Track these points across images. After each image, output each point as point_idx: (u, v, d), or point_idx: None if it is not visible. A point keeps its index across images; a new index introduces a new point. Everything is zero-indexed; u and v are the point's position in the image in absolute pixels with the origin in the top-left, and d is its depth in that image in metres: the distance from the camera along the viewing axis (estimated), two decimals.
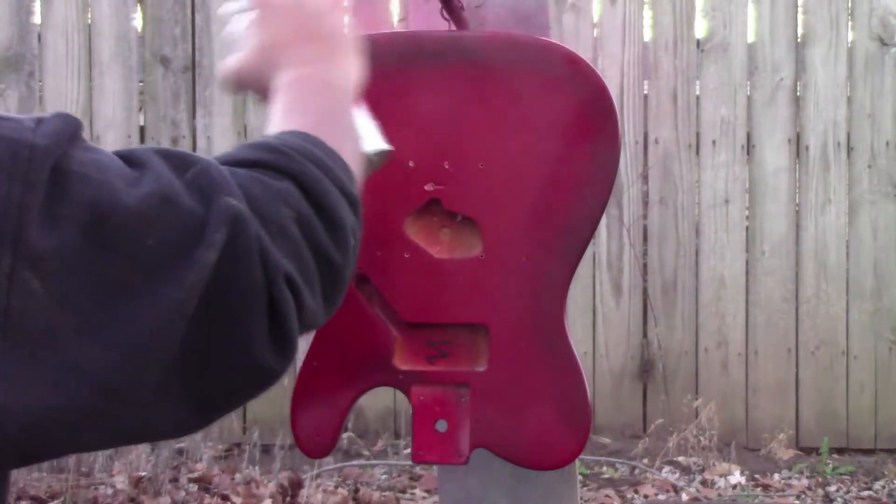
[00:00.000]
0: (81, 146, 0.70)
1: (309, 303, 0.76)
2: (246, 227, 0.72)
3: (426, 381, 1.34)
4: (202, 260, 0.69)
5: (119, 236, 0.67)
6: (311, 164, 0.81)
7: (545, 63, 1.31)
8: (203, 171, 0.73)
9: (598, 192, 1.32)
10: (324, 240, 0.78)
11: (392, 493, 3.57)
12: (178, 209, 0.70)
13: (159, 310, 0.67)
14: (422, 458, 1.35)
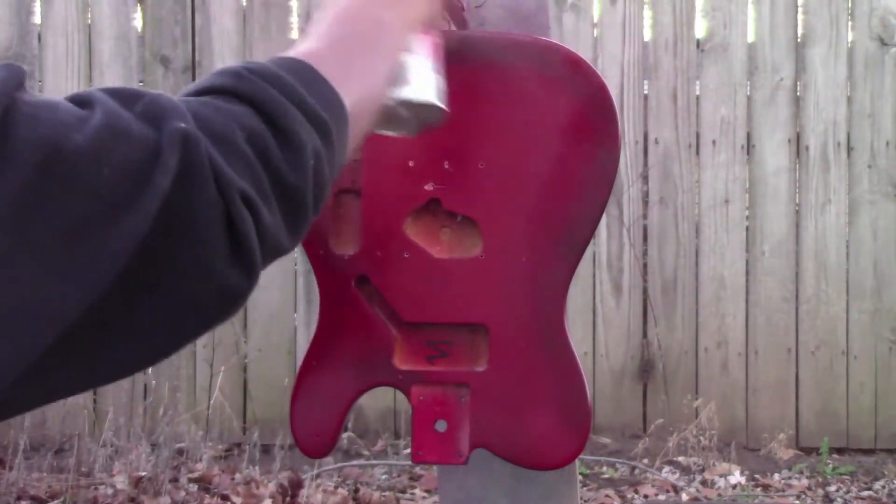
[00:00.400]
0: (27, 91, 0.69)
1: (267, 220, 0.76)
2: (196, 147, 0.72)
3: (426, 381, 1.34)
4: (159, 185, 0.69)
5: (74, 171, 0.67)
6: (271, 86, 0.80)
7: (545, 63, 1.31)
8: (151, 101, 0.73)
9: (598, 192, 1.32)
10: (277, 159, 0.78)
11: (392, 493, 3.57)
12: (130, 138, 0.70)
13: (120, 241, 0.67)
14: (422, 458, 1.35)
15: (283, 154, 0.78)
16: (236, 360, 3.99)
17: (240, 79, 0.81)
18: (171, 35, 4.03)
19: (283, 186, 0.78)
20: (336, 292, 1.33)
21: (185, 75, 4.01)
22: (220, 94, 0.79)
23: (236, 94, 0.79)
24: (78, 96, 0.73)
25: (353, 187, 1.34)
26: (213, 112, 0.76)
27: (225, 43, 4.02)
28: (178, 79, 4.02)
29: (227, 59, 4.01)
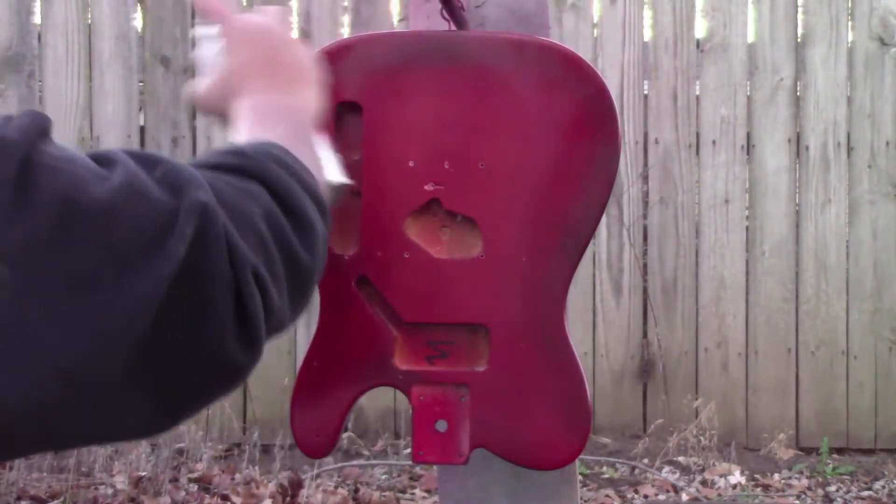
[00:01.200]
0: (51, 142, 0.70)
1: (275, 300, 0.76)
2: (214, 219, 0.72)
3: (426, 381, 1.34)
4: (173, 253, 0.69)
5: (89, 227, 0.67)
6: (278, 166, 0.82)
7: (545, 63, 1.31)
8: (172, 168, 0.74)
9: (598, 192, 1.32)
10: (292, 239, 0.79)
11: (392, 493, 3.57)
12: (148, 201, 0.70)
13: (129, 300, 0.67)
14: (422, 458, 1.35)
15: (296, 234, 0.79)
16: None
17: (246, 158, 0.81)
18: (171, 35, 4.03)
19: (296, 267, 0.79)
20: (336, 292, 1.33)
21: (185, 75, 4.01)
22: (229, 173, 0.79)
23: (247, 172, 0.80)
24: (99, 154, 0.73)
25: (352, 187, 1.34)
26: (230, 188, 0.77)
27: None
28: (178, 79, 4.02)
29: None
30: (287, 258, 0.78)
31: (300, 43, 1.03)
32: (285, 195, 0.80)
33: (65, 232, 0.66)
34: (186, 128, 4.02)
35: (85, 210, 0.67)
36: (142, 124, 4.03)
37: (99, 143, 4.00)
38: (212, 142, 4.00)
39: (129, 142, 4.00)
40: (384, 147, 1.32)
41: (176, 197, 0.71)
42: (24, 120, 0.69)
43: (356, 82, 1.33)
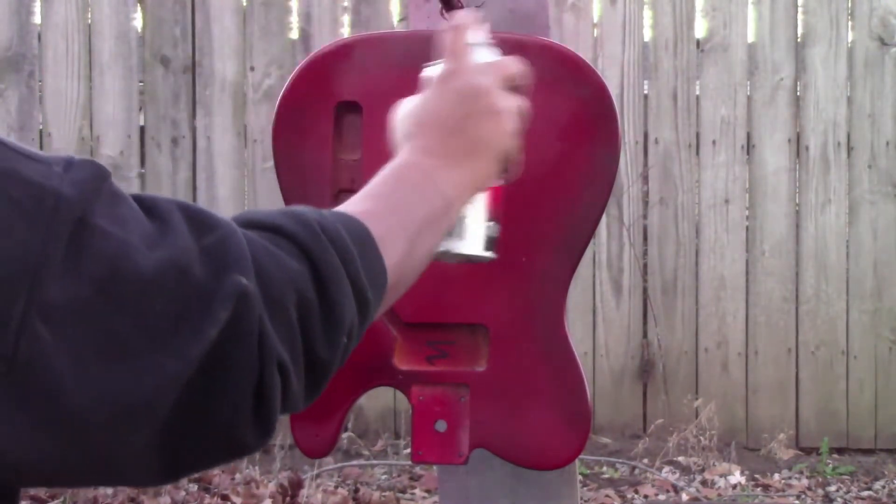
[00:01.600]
0: (107, 197, 0.70)
1: (295, 389, 0.76)
2: (250, 308, 0.72)
3: (426, 381, 1.34)
4: (205, 335, 0.69)
5: (131, 298, 0.68)
6: (335, 251, 0.79)
7: (545, 63, 1.31)
8: (221, 240, 0.73)
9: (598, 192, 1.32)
10: (317, 333, 0.77)
11: (392, 493, 3.57)
12: (189, 280, 0.70)
13: (157, 377, 0.68)
14: (422, 458, 1.35)
15: (322, 327, 0.78)
16: None
17: (310, 232, 0.79)
18: (171, 35, 4.03)
19: (314, 359, 0.78)
20: None
21: (185, 75, 4.01)
22: (287, 239, 0.78)
23: (303, 248, 0.78)
24: (154, 208, 0.73)
25: (352, 187, 1.34)
26: (276, 268, 0.75)
27: (225, 43, 4.02)
28: (178, 79, 4.02)
29: (227, 59, 4.01)
30: (308, 350, 0.77)
31: (505, 113, 0.97)
32: (327, 284, 0.78)
33: (106, 299, 0.67)
34: (186, 128, 4.02)
35: (129, 281, 0.67)
36: (142, 124, 4.03)
37: (99, 143, 4.00)
38: (212, 142, 4.00)
39: (128, 142, 4.00)
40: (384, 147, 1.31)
41: (217, 277, 0.71)
42: (82, 174, 0.69)
43: (356, 82, 1.33)
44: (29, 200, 0.66)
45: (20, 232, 0.65)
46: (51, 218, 0.66)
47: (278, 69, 3.97)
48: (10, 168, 0.66)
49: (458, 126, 0.95)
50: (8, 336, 0.64)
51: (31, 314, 0.64)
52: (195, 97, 4.02)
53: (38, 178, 0.67)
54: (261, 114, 3.95)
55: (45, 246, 0.65)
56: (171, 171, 4.01)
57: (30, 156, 0.68)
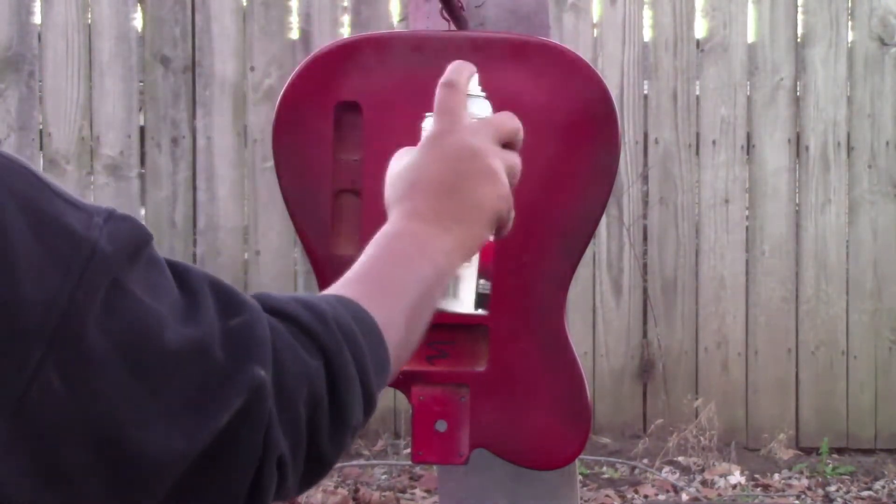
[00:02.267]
0: (144, 261, 0.70)
1: (290, 483, 0.76)
2: (263, 401, 0.72)
3: (426, 381, 1.34)
4: (216, 419, 0.70)
5: (151, 369, 0.68)
6: (349, 351, 0.78)
7: (545, 63, 1.31)
8: (246, 324, 0.73)
9: (598, 193, 1.32)
10: (324, 432, 0.77)
11: (392, 493, 3.57)
12: (210, 362, 0.70)
13: (162, 452, 0.68)
14: (422, 458, 1.35)
15: (329, 427, 0.77)
16: None
17: (327, 329, 0.78)
18: (171, 35, 4.03)
19: (317, 457, 0.77)
20: None
21: (185, 75, 4.01)
22: (305, 334, 0.77)
23: (320, 345, 0.77)
24: (186, 276, 0.73)
25: (353, 187, 1.34)
26: (293, 362, 0.75)
27: (225, 43, 4.02)
28: (178, 79, 4.02)
29: (227, 59, 4.01)
30: (311, 446, 0.77)
31: (500, 174, 0.94)
32: (339, 384, 0.77)
33: (127, 364, 0.66)
34: (186, 128, 4.02)
35: (152, 351, 0.67)
36: (142, 124, 4.03)
37: (99, 142, 4.00)
38: (212, 142, 4.00)
39: (128, 142, 4.00)
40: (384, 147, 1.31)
41: (237, 363, 0.71)
42: (123, 231, 0.69)
43: (356, 82, 1.33)
44: (66, 247, 0.65)
45: (52, 279, 0.64)
46: (84, 269, 0.65)
47: (278, 69, 3.97)
48: (52, 213, 0.66)
49: (452, 189, 0.92)
50: (22, 379, 0.63)
51: (48, 362, 0.64)
52: (195, 97, 4.02)
53: (78, 227, 0.66)
54: (261, 114, 3.95)
55: (73, 296, 0.65)
56: (171, 171, 4.01)
57: (72, 202, 0.68)
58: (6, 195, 0.65)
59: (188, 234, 4.02)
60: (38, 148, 4.00)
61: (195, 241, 4.02)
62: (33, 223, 0.65)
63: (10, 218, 0.64)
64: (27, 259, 0.64)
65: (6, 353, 0.63)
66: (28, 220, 0.65)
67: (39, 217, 0.66)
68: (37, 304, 0.64)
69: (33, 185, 0.67)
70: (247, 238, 4.02)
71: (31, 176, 0.67)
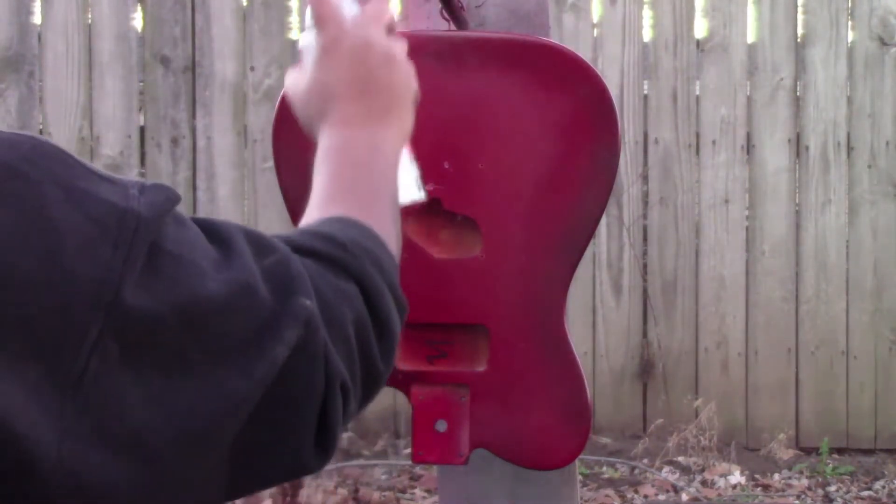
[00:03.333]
0: (175, 222, 0.71)
1: (353, 408, 0.77)
2: (316, 332, 0.73)
3: (426, 381, 1.34)
4: (272, 355, 0.70)
5: (202, 320, 0.69)
6: (371, 265, 0.81)
7: (545, 63, 1.31)
8: (280, 262, 0.75)
9: (598, 193, 1.32)
10: (374, 348, 0.79)
11: (392, 493, 3.57)
12: (256, 300, 0.71)
13: (225, 397, 0.69)
14: (422, 458, 1.35)
15: (378, 344, 0.79)
16: None
17: (346, 252, 0.80)
18: (171, 35, 4.03)
19: (373, 374, 0.79)
20: None
21: (185, 75, 4.01)
22: (329, 266, 0.79)
23: (346, 269, 0.79)
24: (216, 231, 0.74)
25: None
26: (330, 288, 0.77)
27: (225, 43, 4.02)
28: (178, 79, 4.02)
29: (226, 59, 4.01)
30: (366, 366, 0.78)
31: (399, 57, 0.97)
32: (377, 301, 0.80)
33: (179, 322, 0.67)
34: (186, 128, 4.02)
35: (201, 303, 0.69)
36: (141, 124, 4.03)
37: (99, 142, 4.00)
38: (212, 142, 4.00)
39: (128, 142, 4.00)
40: None
41: (282, 299, 0.72)
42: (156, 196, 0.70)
43: None
44: (111, 220, 0.66)
45: (104, 251, 0.65)
46: (133, 238, 0.66)
47: (278, 69, 3.97)
48: (90, 189, 0.67)
49: (365, 86, 0.94)
50: (82, 352, 0.64)
51: (107, 333, 0.65)
52: (195, 97, 4.02)
53: (117, 200, 0.68)
54: (261, 114, 3.96)
55: (125, 265, 0.66)
56: (171, 171, 4.01)
57: (106, 177, 0.69)
58: (43, 176, 0.66)
59: None
60: None
61: None
62: (74, 200, 0.66)
63: (52, 197, 0.65)
64: (74, 236, 0.65)
65: (64, 329, 0.64)
66: (67, 198, 0.66)
67: (80, 194, 0.67)
68: (91, 278, 0.65)
69: (67, 163, 0.68)
70: None
71: (62, 154, 0.69)
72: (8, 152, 0.66)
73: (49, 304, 0.63)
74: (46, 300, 0.63)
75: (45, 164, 0.67)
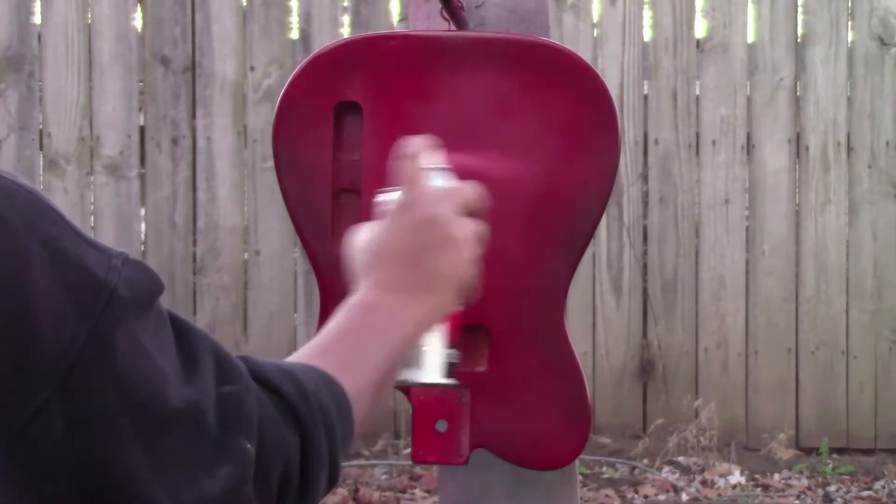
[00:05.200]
0: (155, 315, 0.71)
1: None
2: (246, 472, 0.73)
3: None
4: (201, 486, 0.71)
5: (150, 424, 0.69)
6: (324, 428, 0.80)
7: (545, 63, 1.31)
8: (237, 394, 0.74)
9: (598, 193, 1.32)
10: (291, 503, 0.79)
11: (392, 493, 3.57)
12: (204, 427, 0.71)
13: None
14: (422, 458, 1.35)
15: (296, 500, 0.79)
16: None
17: (307, 407, 0.80)
18: (171, 35, 4.03)
19: None
20: (337, 293, 1.33)
21: (185, 75, 4.01)
22: (287, 408, 0.79)
23: (298, 422, 0.79)
24: (186, 339, 0.73)
25: (353, 187, 1.34)
26: (273, 435, 0.76)
27: (225, 43, 4.02)
28: (178, 79, 4.02)
29: (227, 59, 4.01)
30: None
31: (463, 242, 0.96)
32: (312, 463, 0.79)
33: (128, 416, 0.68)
34: (186, 128, 4.02)
35: (153, 408, 0.69)
36: (141, 124, 4.03)
37: (99, 142, 4.00)
38: (212, 142, 4.00)
39: (128, 142, 4.00)
40: (384, 147, 1.32)
41: (227, 432, 0.72)
42: (140, 278, 0.70)
43: (356, 82, 1.33)
44: (85, 291, 0.66)
45: (69, 323, 0.65)
46: (100, 314, 0.66)
47: (278, 69, 3.97)
48: (74, 253, 0.67)
49: (417, 258, 0.94)
50: (26, 414, 0.65)
51: (54, 403, 0.65)
52: (195, 97, 4.01)
53: (98, 270, 0.68)
54: (261, 114, 3.95)
55: (87, 341, 0.66)
56: (171, 171, 4.01)
57: (92, 243, 0.69)
58: (30, 232, 0.66)
59: (188, 234, 4.02)
60: (38, 148, 4.00)
61: (195, 241, 4.02)
62: (55, 262, 0.66)
63: (34, 255, 0.65)
64: (47, 299, 0.65)
65: (15, 387, 0.64)
66: (50, 259, 0.66)
67: (62, 257, 0.67)
68: (52, 345, 0.65)
69: (57, 223, 0.68)
70: (247, 238, 4.02)
71: (54, 213, 0.68)
72: (3, 201, 0.66)
73: (6, 356, 0.64)
74: (4, 351, 0.64)
75: (36, 222, 0.67)
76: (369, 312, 0.92)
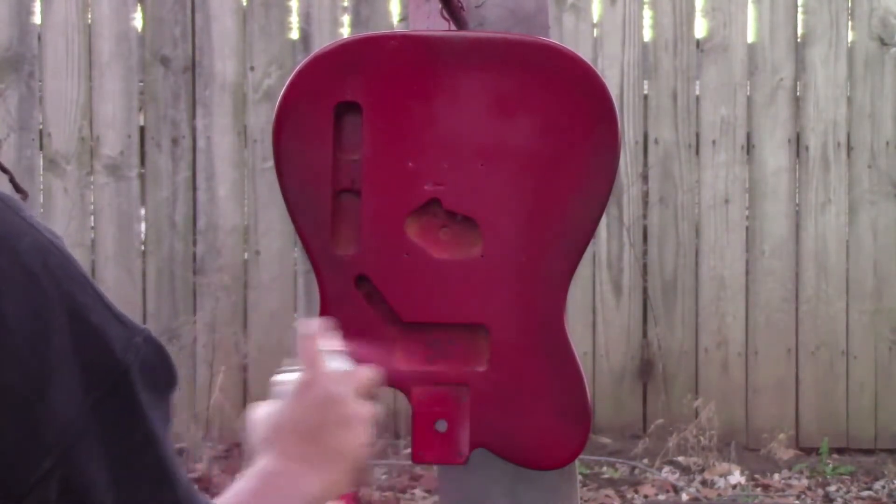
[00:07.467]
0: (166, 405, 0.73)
1: None
2: None
3: (426, 381, 1.34)
4: None
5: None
6: None
7: (545, 63, 1.31)
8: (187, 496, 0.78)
9: (598, 193, 1.32)
10: None
11: (392, 493, 3.57)
12: None
13: None
14: (422, 458, 1.35)
15: None
16: (236, 360, 3.99)
17: None
18: (171, 35, 4.03)
19: None
20: (337, 292, 1.33)
21: (185, 75, 4.01)
22: None
23: None
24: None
25: (353, 187, 1.34)
26: None
27: (225, 43, 4.02)
28: (177, 79, 4.02)
29: (227, 59, 4.01)
30: None
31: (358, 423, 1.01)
32: None
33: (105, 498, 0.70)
34: (186, 128, 4.02)
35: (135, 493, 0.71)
36: (142, 124, 4.03)
37: (99, 142, 4.00)
38: (211, 142, 4.00)
39: (128, 142, 4.00)
40: (384, 147, 1.32)
41: None
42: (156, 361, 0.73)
43: (356, 82, 1.33)
44: (101, 367, 0.68)
45: (79, 397, 0.67)
46: (110, 393, 0.69)
47: (278, 69, 3.97)
48: (96, 324, 0.69)
49: (316, 434, 0.98)
50: (28, 482, 0.66)
51: (55, 474, 0.67)
52: (195, 97, 4.02)
53: (117, 346, 0.69)
54: (261, 114, 3.95)
55: (90, 419, 0.68)
56: (171, 171, 4.01)
57: (116, 315, 0.71)
58: (59, 297, 0.68)
59: (188, 234, 4.02)
60: (38, 148, 4.00)
61: (195, 241, 4.02)
62: (77, 333, 0.68)
63: (59, 325, 0.67)
64: (62, 371, 0.67)
65: (22, 454, 0.66)
66: (72, 329, 0.68)
67: (85, 328, 0.68)
68: (61, 418, 0.67)
69: (86, 291, 0.70)
70: (247, 238, 4.02)
71: (84, 280, 0.70)
72: (36, 256, 0.67)
73: (20, 425, 0.66)
74: (20, 420, 0.66)
75: (66, 287, 0.68)
76: (273, 478, 0.96)
